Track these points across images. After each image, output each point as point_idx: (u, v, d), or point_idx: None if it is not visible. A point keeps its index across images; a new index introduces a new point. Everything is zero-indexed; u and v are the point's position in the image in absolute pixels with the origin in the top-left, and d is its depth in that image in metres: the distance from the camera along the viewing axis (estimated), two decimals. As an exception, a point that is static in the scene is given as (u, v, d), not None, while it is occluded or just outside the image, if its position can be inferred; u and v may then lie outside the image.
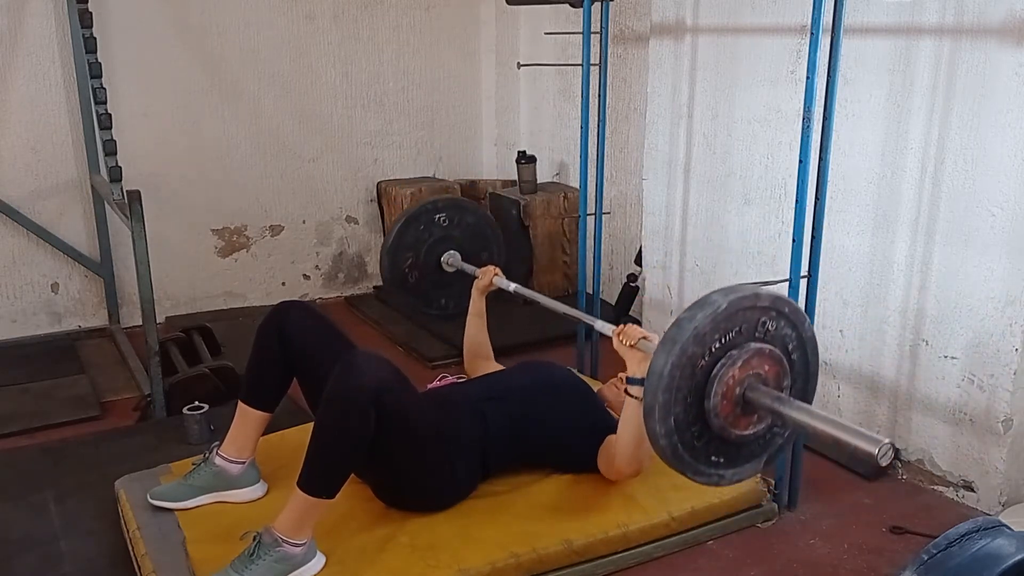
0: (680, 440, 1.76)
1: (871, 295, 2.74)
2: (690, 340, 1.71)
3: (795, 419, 1.75)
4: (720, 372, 1.75)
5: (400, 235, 3.10)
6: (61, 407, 3.14)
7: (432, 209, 3.14)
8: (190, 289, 4.16)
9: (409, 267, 3.13)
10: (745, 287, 1.79)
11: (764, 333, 1.81)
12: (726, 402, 1.77)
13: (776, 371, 1.82)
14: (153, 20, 3.85)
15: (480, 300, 2.94)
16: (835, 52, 2.19)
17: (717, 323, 1.73)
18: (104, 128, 3.22)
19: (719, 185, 3.23)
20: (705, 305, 1.74)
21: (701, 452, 1.81)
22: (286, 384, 2.39)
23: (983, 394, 2.47)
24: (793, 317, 1.84)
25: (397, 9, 4.34)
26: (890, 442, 1.60)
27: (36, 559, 2.24)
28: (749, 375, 1.78)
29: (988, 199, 2.39)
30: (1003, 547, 1.31)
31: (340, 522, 2.22)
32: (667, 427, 1.73)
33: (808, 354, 1.89)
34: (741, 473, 1.89)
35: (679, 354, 1.70)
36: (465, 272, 3.09)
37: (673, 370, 1.70)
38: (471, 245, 3.20)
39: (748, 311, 1.77)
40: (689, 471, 1.81)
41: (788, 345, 1.85)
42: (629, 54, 3.86)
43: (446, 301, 3.22)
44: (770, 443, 1.92)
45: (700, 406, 1.77)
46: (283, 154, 4.24)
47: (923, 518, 2.47)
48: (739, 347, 1.77)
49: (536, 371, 2.58)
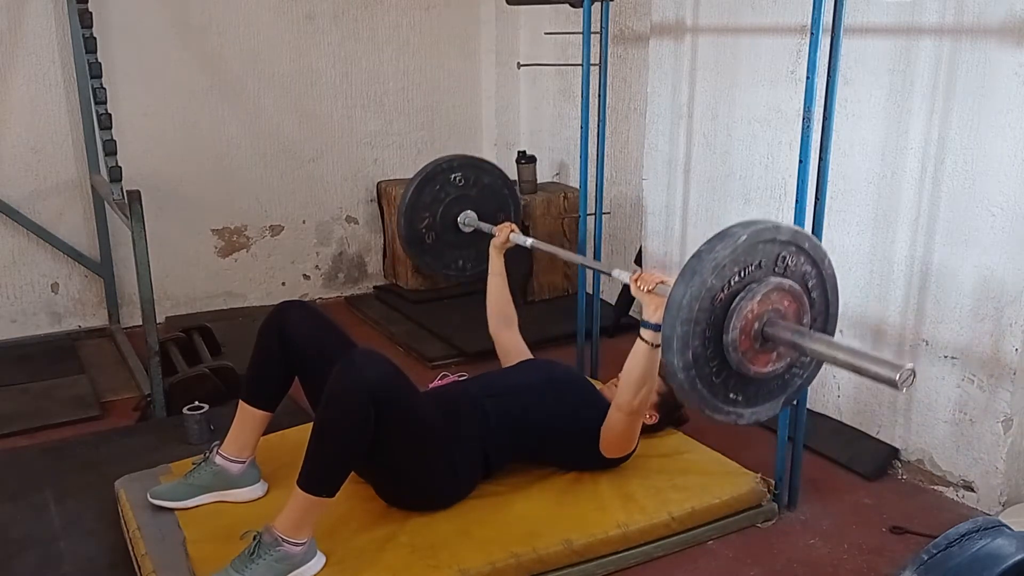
0: (698, 374, 1.74)
1: (871, 295, 2.75)
2: (709, 271, 1.68)
3: (815, 350, 1.72)
4: (739, 305, 1.72)
5: (416, 195, 3.06)
6: (61, 407, 3.14)
7: (448, 168, 3.09)
8: (190, 289, 4.16)
9: (426, 227, 3.09)
10: (765, 220, 1.76)
11: (784, 268, 1.78)
12: (745, 336, 1.74)
13: (795, 308, 1.79)
14: (153, 20, 3.85)
15: (499, 258, 2.90)
16: (835, 52, 2.19)
17: (737, 255, 1.70)
18: (104, 128, 3.22)
19: (719, 185, 3.23)
20: (725, 237, 1.71)
21: (720, 388, 1.79)
22: (287, 384, 2.39)
23: (983, 394, 2.47)
24: (813, 253, 1.82)
25: (397, 9, 4.34)
26: (911, 367, 1.58)
27: (36, 559, 2.24)
28: (768, 310, 1.75)
29: (988, 199, 2.39)
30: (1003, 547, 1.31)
31: (340, 522, 2.22)
32: (685, 360, 1.71)
33: (828, 292, 1.86)
34: (759, 413, 1.87)
35: (698, 286, 1.67)
36: (482, 232, 3.04)
37: (692, 302, 1.68)
38: (487, 205, 3.15)
39: (768, 244, 1.75)
40: (707, 407, 1.79)
41: (808, 282, 1.83)
42: (629, 54, 3.86)
43: (463, 262, 3.18)
44: (789, 383, 1.89)
45: (719, 340, 1.74)
46: (283, 154, 4.24)
47: (923, 518, 2.47)
48: (758, 281, 1.74)
49: (537, 369, 2.58)
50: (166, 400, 3.01)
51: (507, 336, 2.84)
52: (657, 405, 2.61)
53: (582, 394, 2.50)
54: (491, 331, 2.87)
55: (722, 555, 2.32)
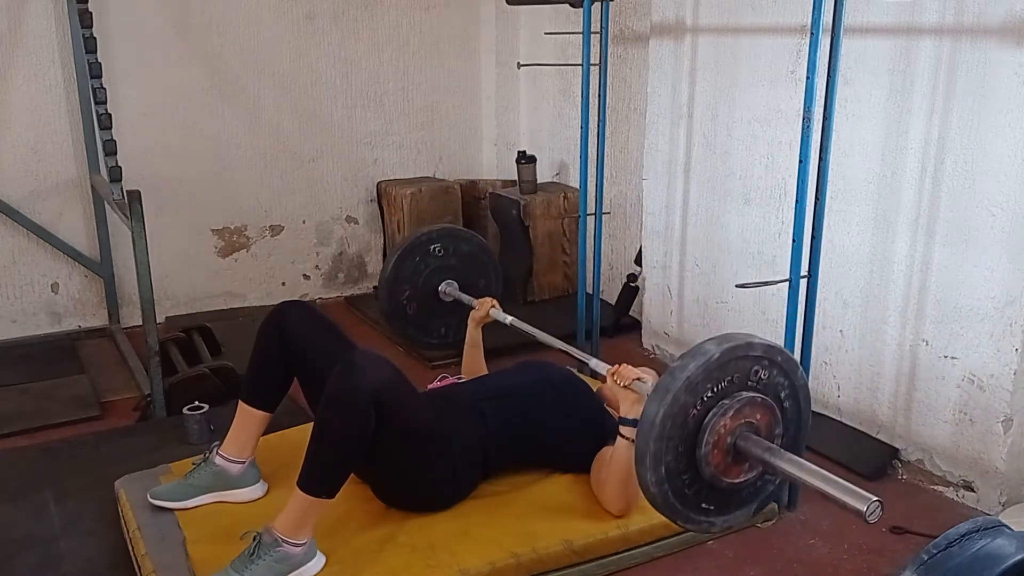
0: (671, 488, 1.78)
1: (871, 295, 2.74)
2: (682, 389, 1.72)
3: (785, 471, 1.77)
4: (712, 421, 1.77)
5: (396, 269, 3.14)
6: (61, 407, 3.14)
7: (427, 240, 3.17)
8: (190, 289, 4.16)
9: (407, 299, 3.17)
10: (738, 336, 1.81)
11: (757, 382, 1.83)
12: (717, 451, 1.79)
13: (768, 420, 1.84)
14: (153, 20, 3.85)
15: (476, 331, 2.95)
16: (835, 52, 2.19)
17: (710, 372, 1.75)
18: (104, 128, 3.22)
19: (719, 185, 3.23)
20: (698, 355, 1.76)
21: (692, 500, 1.83)
22: (286, 384, 2.39)
23: (983, 394, 2.47)
24: (786, 366, 1.86)
25: (397, 9, 4.34)
26: (878, 500, 1.61)
27: (36, 559, 2.24)
28: (741, 424, 1.80)
29: (988, 199, 2.39)
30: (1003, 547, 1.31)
31: (340, 522, 2.22)
32: (658, 475, 1.75)
33: (800, 402, 1.91)
34: (731, 520, 1.92)
35: (671, 403, 1.72)
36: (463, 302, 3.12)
37: (665, 419, 1.72)
38: (468, 273, 3.24)
39: (741, 360, 1.79)
40: (680, 519, 1.83)
41: (780, 393, 1.88)
42: (629, 54, 3.86)
43: (445, 330, 3.27)
44: (761, 490, 1.94)
45: (692, 454, 1.79)
46: (283, 154, 4.23)
47: (923, 518, 2.47)
48: (731, 396, 1.79)
49: (535, 371, 2.58)
50: (166, 400, 3.01)
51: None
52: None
53: (579, 396, 2.51)
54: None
55: (722, 555, 2.32)
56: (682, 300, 3.50)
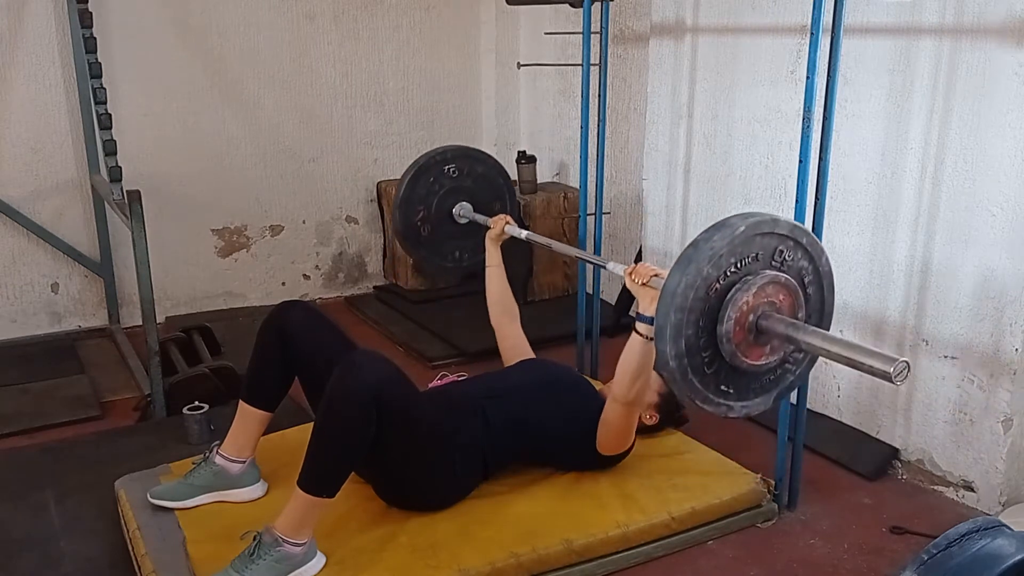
0: (690, 364, 1.73)
1: (871, 295, 2.75)
2: (706, 261, 1.67)
3: (810, 343, 1.72)
4: (734, 296, 1.72)
5: (410, 188, 3.04)
6: (61, 407, 3.14)
7: (441, 160, 3.08)
8: (190, 289, 4.16)
9: (421, 220, 3.07)
10: (764, 213, 1.76)
11: (781, 262, 1.78)
12: (739, 328, 1.74)
13: (790, 302, 1.79)
14: (153, 20, 3.85)
15: (495, 250, 2.90)
16: (835, 52, 2.19)
17: (734, 246, 1.70)
18: (104, 128, 3.22)
19: (719, 185, 3.23)
20: (723, 227, 1.71)
21: (711, 379, 1.78)
22: (287, 384, 2.39)
23: (983, 394, 2.47)
24: (811, 249, 1.81)
25: (397, 9, 4.34)
26: (905, 360, 1.58)
27: (36, 559, 2.24)
28: (763, 303, 1.75)
29: (988, 199, 2.39)
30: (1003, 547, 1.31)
31: (340, 522, 2.22)
32: (678, 349, 1.70)
33: (824, 289, 1.86)
34: (750, 407, 1.86)
35: (694, 274, 1.67)
36: (477, 224, 3.03)
37: (687, 290, 1.67)
38: (482, 195, 3.14)
39: (766, 237, 1.74)
40: (698, 398, 1.78)
41: (804, 278, 1.82)
42: (629, 54, 3.86)
43: (460, 253, 3.17)
44: (781, 379, 1.89)
45: (712, 331, 1.73)
46: (283, 154, 4.24)
47: (923, 518, 2.47)
48: (755, 273, 1.74)
49: (537, 370, 2.58)
50: (166, 400, 3.01)
51: (509, 329, 2.85)
52: (657, 406, 2.61)
53: (581, 395, 2.50)
54: (492, 322, 2.88)
55: (722, 555, 2.32)
56: (682, 300, 3.50)
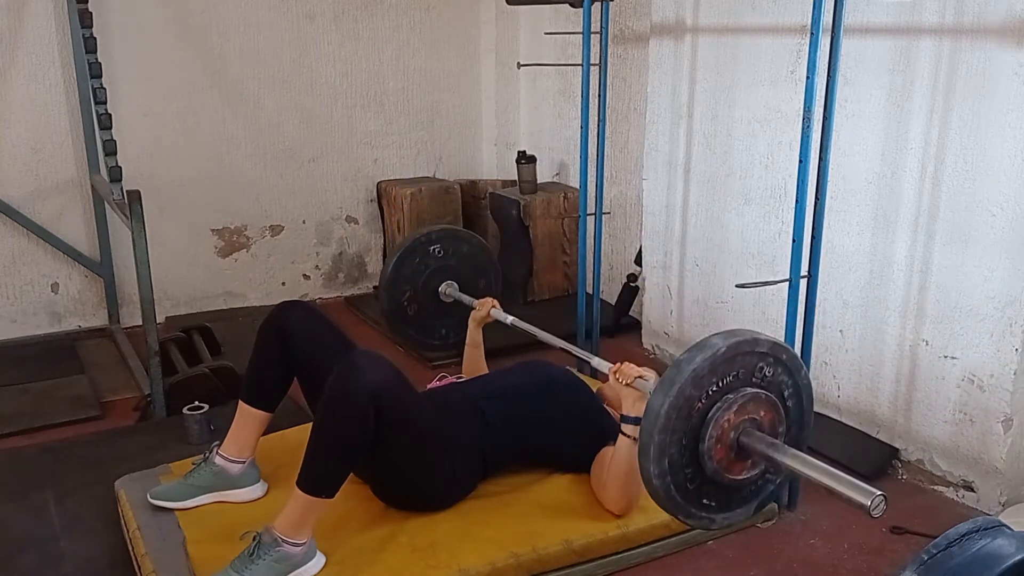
0: (673, 481, 1.78)
1: (871, 295, 2.74)
2: (688, 382, 1.73)
3: (789, 466, 1.77)
4: (716, 415, 1.77)
5: (396, 270, 3.14)
6: (61, 407, 3.14)
7: (426, 241, 3.18)
8: (190, 289, 4.16)
9: (408, 300, 3.17)
10: (745, 332, 1.82)
11: (761, 378, 1.83)
12: (720, 446, 1.79)
13: (772, 417, 1.84)
14: (153, 20, 3.85)
15: (477, 331, 2.96)
16: (835, 52, 2.19)
17: (716, 366, 1.75)
18: (104, 128, 3.22)
19: (719, 185, 3.23)
20: (704, 348, 1.76)
21: (693, 495, 1.83)
22: (286, 384, 2.39)
23: (983, 394, 2.47)
24: (790, 364, 1.87)
25: (397, 9, 4.34)
26: (882, 495, 1.62)
27: (36, 559, 2.24)
28: (745, 419, 1.80)
29: (988, 199, 2.39)
30: (1003, 547, 1.31)
31: (340, 522, 2.22)
32: (661, 468, 1.76)
33: (803, 401, 1.92)
34: (731, 518, 1.92)
35: (676, 395, 1.72)
36: (463, 302, 3.12)
37: (670, 411, 1.72)
38: (467, 273, 3.25)
39: (746, 356, 1.80)
40: (681, 513, 1.84)
41: (784, 392, 1.88)
42: (629, 54, 3.86)
43: (446, 331, 3.28)
44: (762, 489, 1.94)
45: (695, 448, 1.79)
46: (283, 154, 4.23)
47: (923, 518, 2.47)
48: (736, 391, 1.79)
49: (535, 371, 2.58)
50: (166, 400, 3.01)
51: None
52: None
53: (579, 396, 2.50)
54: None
55: (722, 555, 2.32)
56: (682, 300, 3.50)
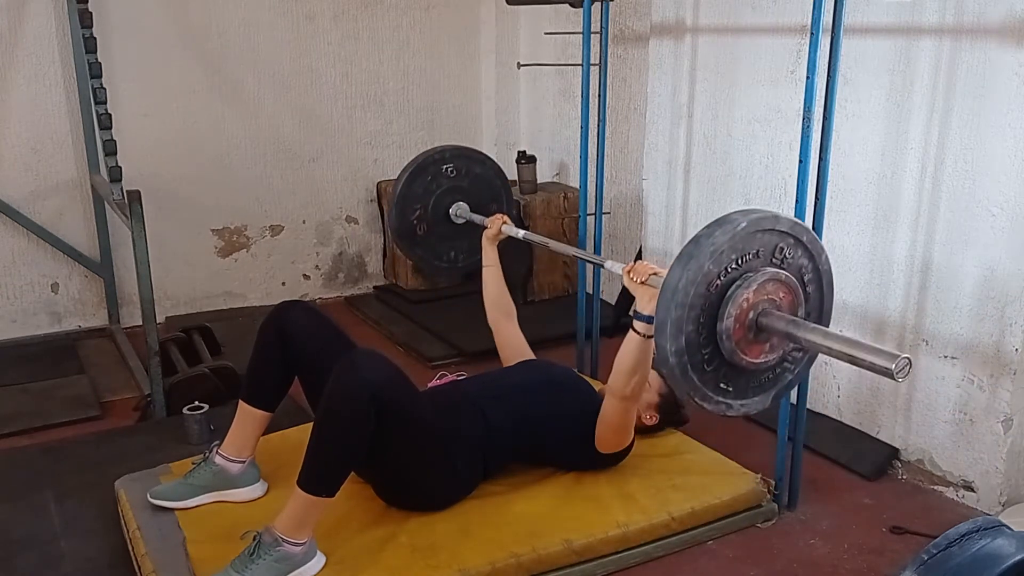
0: (690, 361, 1.73)
1: (871, 295, 2.75)
2: (707, 257, 1.68)
3: (810, 340, 1.72)
4: (734, 293, 1.72)
5: (408, 185, 3.04)
6: (61, 407, 3.14)
7: (439, 159, 3.08)
8: (190, 289, 4.16)
9: (417, 219, 3.07)
10: (765, 210, 1.76)
11: (781, 260, 1.78)
12: (739, 325, 1.74)
13: (790, 300, 1.79)
14: (153, 20, 3.85)
15: (492, 250, 2.90)
16: (835, 52, 2.19)
17: (735, 242, 1.70)
18: (104, 128, 3.22)
19: (719, 185, 3.23)
20: (724, 223, 1.71)
21: (710, 377, 1.78)
22: (287, 384, 2.39)
23: (983, 394, 2.47)
24: (811, 247, 1.82)
25: (397, 9, 4.34)
26: (906, 357, 1.58)
27: (36, 559, 2.24)
28: (763, 300, 1.75)
29: (988, 199, 2.39)
30: (1003, 547, 1.31)
31: (340, 522, 2.22)
32: (678, 345, 1.70)
33: (823, 287, 1.86)
34: (748, 405, 1.86)
35: (695, 270, 1.67)
36: (474, 224, 3.02)
37: (688, 286, 1.67)
38: (479, 196, 3.14)
39: (767, 234, 1.74)
40: (697, 395, 1.78)
41: (804, 276, 1.83)
42: (629, 54, 3.86)
43: (455, 254, 3.17)
44: (780, 377, 1.89)
45: (713, 328, 1.73)
46: (283, 154, 4.23)
47: (923, 518, 2.47)
48: (755, 270, 1.74)
49: (536, 370, 2.58)
50: (166, 400, 3.01)
51: (507, 328, 2.84)
52: (657, 406, 2.61)
53: (580, 395, 2.50)
54: (490, 322, 2.87)
55: (722, 555, 2.32)
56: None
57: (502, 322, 2.84)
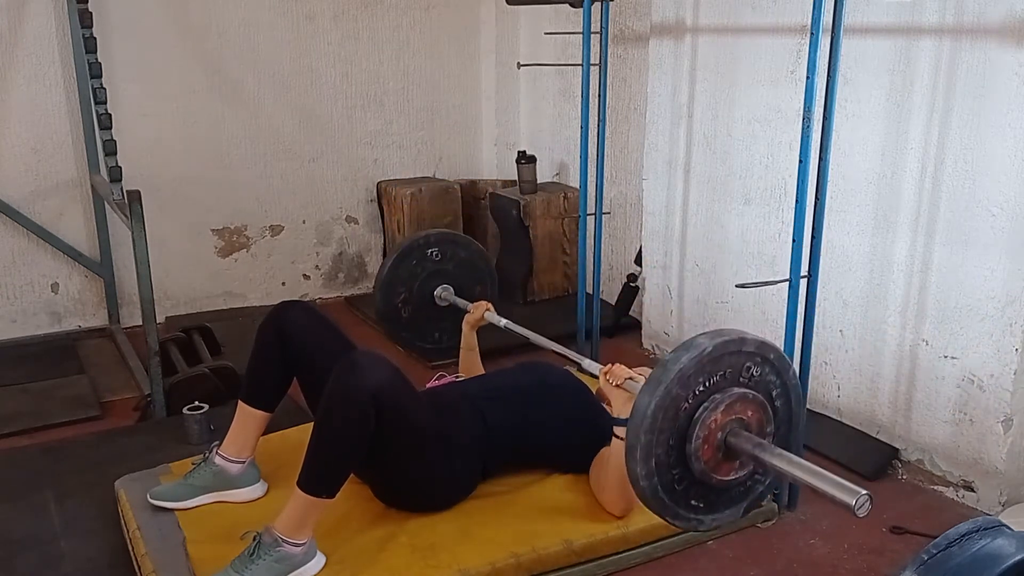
0: (660, 482, 1.77)
1: (871, 295, 2.74)
2: (675, 381, 1.72)
3: (775, 467, 1.76)
4: (703, 415, 1.76)
5: (393, 270, 3.13)
6: (61, 407, 3.14)
7: (424, 244, 3.17)
8: (190, 289, 4.16)
9: (402, 302, 3.16)
10: (731, 331, 1.81)
11: (749, 378, 1.82)
12: (708, 446, 1.78)
13: (759, 417, 1.83)
14: (153, 20, 3.85)
15: (471, 334, 2.95)
16: (835, 52, 2.19)
17: (702, 366, 1.74)
18: (104, 128, 3.22)
19: (719, 185, 3.23)
20: (691, 347, 1.75)
21: (681, 496, 1.82)
22: (286, 384, 2.39)
23: (983, 394, 2.47)
24: (778, 363, 1.86)
25: (397, 9, 4.34)
26: (867, 494, 1.61)
27: (36, 559, 2.24)
28: (732, 420, 1.79)
29: (988, 199, 2.39)
30: (1003, 547, 1.31)
31: (340, 522, 2.22)
32: (648, 468, 1.74)
33: (792, 402, 1.91)
34: (720, 519, 1.90)
35: (663, 395, 1.71)
36: (458, 306, 3.11)
37: (656, 411, 1.71)
38: (464, 279, 3.23)
39: (734, 355, 1.79)
40: (668, 514, 1.82)
41: (772, 392, 1.87)
42: (629, 54, 3.86)
43: (439, 335, 3.26)
44: (751, 490, 1.93)
45: (682, 449, 1.78)
46: (283, 154, 4.24)
47: (923, 518, 2.47)
48: (723, 391, 1.78)
49: (534, 371, 2.58)
50: (166, 400, 3.01)
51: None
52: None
53: (578, 396, 2.50)
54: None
55: (722, 555, 2.32)
56: (682, 300, 3.50)
57: None
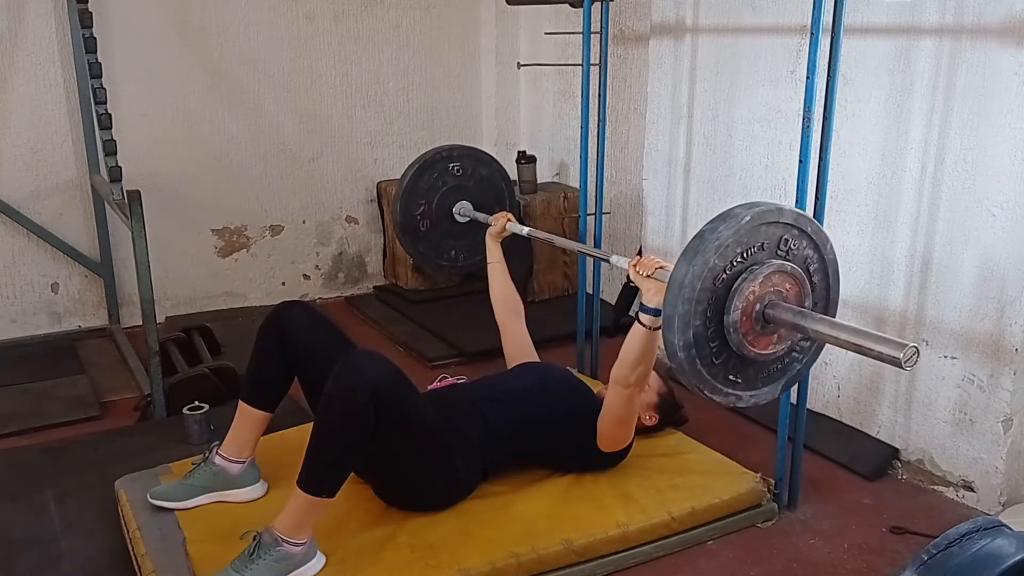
0: (698, 355, 1.74)
1: (871, 295, 2.75)
2: (712, 251, 1.68)
3: (818, 331, 1.72)
4: (741, 286, 1.72)
5: (413, 181, 3.06)
6: (61, 407, 3.14)
7: (447, 157, 3.10)
8: (190, 289, 4.16)
9: (421, 215, 3.09)
10: (768, 203, 1.76)
11: (786, 251, 1.78)
12: (746, 318, 1.74)
13: (796, 291, 1.79)
14: (153, 20, 3.85)
15: (496, 247, 2.91)
16: (835, 52, 2.19)
17: (740, 236, 1.70)
18: (104, 128, 3.22)
19: (719, 185, 3.23)
20: (728, 218, 1.71)
21: (719, 369, 1.79)
22: (286, 384, 2.39)
23: (983, 394, 2.47)
24: (815, 237, 1.82)
25: (397, 9, 4.34)
26: (915, 346, 1.58)
27: (36, 559, 2.24)
28: (770, 292, 1.75)
29: (988, 199, 2.39)
30: (1003, 547, 1.31)
31: (340, 522, 2.22)
32: (686, 340, 1.70)
33: (829, 277, 1.86)
34: (758, 396, 1.87)
35: (701, 265, 1.68)
36: (477, 224, 3.04)
37: (694, 281, 1.68)
38: (483, 197, 3.16)
39: (771, 226, 1.75)
40: (706, 388, 1.78)
41: (810, 267, 1.83)
42: (629, 54, 3.86)
43: (456, 253, 3.19)
44: (788, 368, 1.89)
45: (720, 321, 1.74)
46: (283, 154, 4.24)
47: (923, 518, 2.47)
48: (760, 263, 1.74)
49: (535, 373, 2.58)
50: (166, 400, 3.01)
51: (515, 328, 2.83)
52: (656, 406, 2.61)
53: (579, 398, 2.50)
54: (498, 320, 2.87)
55: (722, 555, 2.32)
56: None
57: (511, 321, 2.84)
